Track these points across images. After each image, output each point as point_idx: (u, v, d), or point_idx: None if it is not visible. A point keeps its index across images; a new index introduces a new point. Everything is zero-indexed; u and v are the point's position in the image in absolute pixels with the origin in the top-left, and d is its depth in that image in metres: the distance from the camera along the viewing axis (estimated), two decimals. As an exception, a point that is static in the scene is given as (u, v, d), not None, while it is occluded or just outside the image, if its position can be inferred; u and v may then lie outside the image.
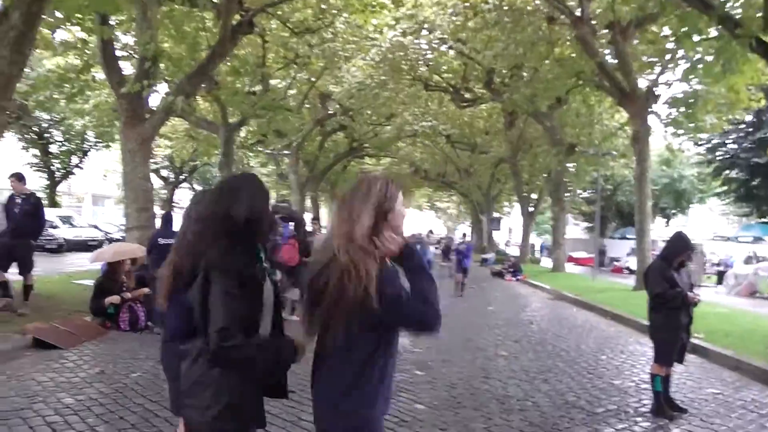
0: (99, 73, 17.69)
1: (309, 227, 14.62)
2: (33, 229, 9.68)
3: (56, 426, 4.98)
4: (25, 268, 9.58)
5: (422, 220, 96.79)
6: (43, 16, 12.62)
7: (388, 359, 2.47)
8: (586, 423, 5.79)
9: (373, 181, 2.60)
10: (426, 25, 22.79)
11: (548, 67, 21.89)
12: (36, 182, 33.61)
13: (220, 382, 2.56)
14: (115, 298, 9.68)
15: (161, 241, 9.63)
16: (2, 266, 9.33)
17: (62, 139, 31.88)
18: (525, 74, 24.14)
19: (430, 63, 26.39)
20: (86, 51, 15.21)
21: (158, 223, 11.88)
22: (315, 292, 2.49)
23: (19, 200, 9.53)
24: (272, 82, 24.42)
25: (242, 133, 31.16)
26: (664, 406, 6.19)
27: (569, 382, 7.47)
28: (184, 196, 53.88)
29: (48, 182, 32.88)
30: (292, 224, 12.31)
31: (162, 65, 16.51)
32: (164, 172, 43.99)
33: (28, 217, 9.48)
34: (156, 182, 46.06)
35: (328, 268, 2.45)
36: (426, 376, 7.40)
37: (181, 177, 43.32)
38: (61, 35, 15.38)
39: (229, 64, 20.70)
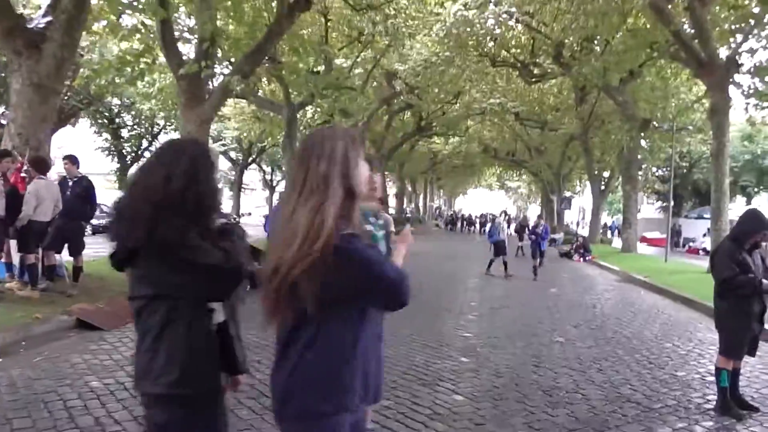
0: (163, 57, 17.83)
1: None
2: (84, 211, 9.71)
3: (74, 411, 4.83)
4: (76, 250, 9.62)
5: (493, 199, 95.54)
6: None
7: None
8: (640, 420, 5.27)
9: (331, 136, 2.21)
10: (490, -1, 22.02)
11: (621, 38, 20.85)
12: (108, 166, 34.58)
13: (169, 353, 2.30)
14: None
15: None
16: (55, 248, 9.40)
17: (132, 123, 32.59)
18: (596, 47, 23.12)
19: (497, 38, 25.57)
20: (150, 34, 15.23)
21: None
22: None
23: (70, 183, 9.58)
24: (337, 61, 24.19)
25: (308, 113, 31.15)
26: (731, 403, 5.58)
27: (627, 372, 6.91)
28: (253, 178, 54.68)
29: (119, 165, 33.75)
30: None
31: (222, 46, 16.50)
32: (233, 154, 44.56)
33: (79, 200, 9.50)
34: (224, 164, 46.95)
35: None
36: (471, 364, 6.99)
37: (249, 159, 43.79)
38: (127, 20, 15.40)
39: (290, 43, 20.52)
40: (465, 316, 10.23)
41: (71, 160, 9.64)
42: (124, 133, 33.09)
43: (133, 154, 33.24)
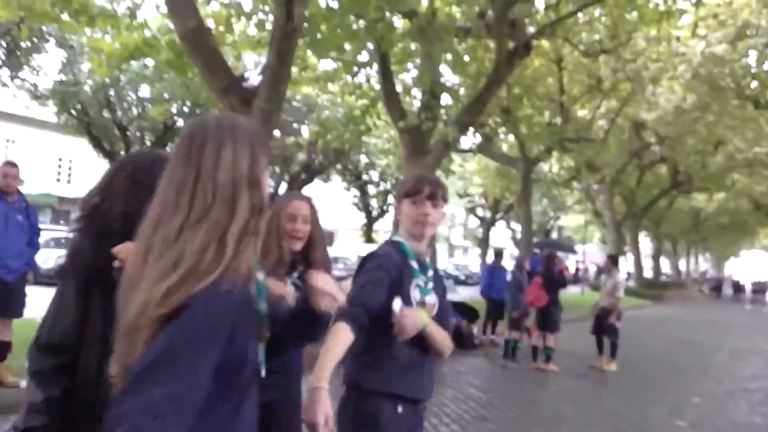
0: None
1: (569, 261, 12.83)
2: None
3: None
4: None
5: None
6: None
7: None
8: None
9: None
10: (748, 31, 19.47)
11: None
12: (357, 220, 36.41)
13: None
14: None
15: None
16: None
17: (378, 180, 34.07)
18: None
19: (760, 75, 22.56)
20: (373, 89, 15.75)
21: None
22: None
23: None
24: (579, 113, 23.10)
25: (553, 168, 30.15)
26: None
27: None
28: (500, 235, 54.16)
29: (366, 221, 35.41)
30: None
31: (444, 98, 16.49)
32: (480, 211, 44.52)
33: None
34: (472, 221, 47.08)
35: None
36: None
37: (497, 215, 43.39)
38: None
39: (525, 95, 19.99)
40: (687, 399, 8.63)
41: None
42: (371, 189, 34.69)
43: (379, 210, 34.67)
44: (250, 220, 1.46)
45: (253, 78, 11.00)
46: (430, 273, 2.65)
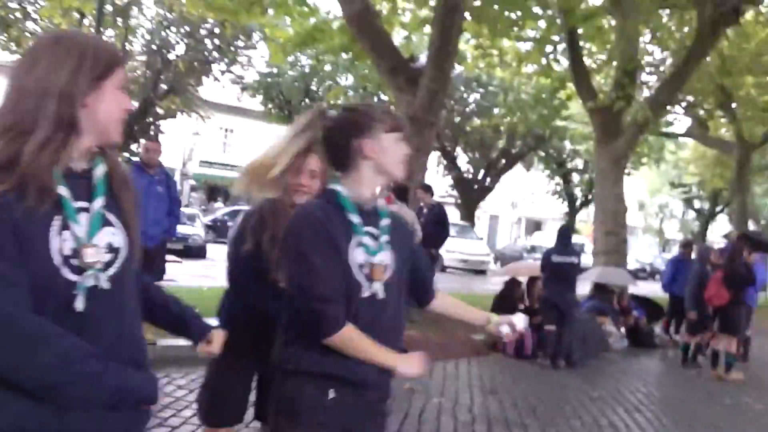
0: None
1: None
2: (436, 238, 9.79)
3: None
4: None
5: None
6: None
7: None
8: None
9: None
10: None
11: None
12: (558, 208, 35.07)
13: None
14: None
15: (555, 258, 8.66)
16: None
17: (582, 168, 32.43)
18: None
19: None
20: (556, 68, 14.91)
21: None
22: None
23: (425, 210, 9.78)
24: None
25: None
26: None
27: None
28: (721, 229, 49.30)
29: (568, 210, 33.85)
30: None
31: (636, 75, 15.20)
32: (697, 203, 40.89)
33: (432, 226, 9.60)
34: (690, 214, 43.36)
35: None
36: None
37: (716, 208, 39.53)
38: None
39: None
40: None
41: (424, 188, 9.87)
42: (575, 177, 33.15)
43: (583, 199, 33.08)
44: (56, 133, 1.42)
45: (424, 58, 10.92)
46: (385, 222, 2.13)
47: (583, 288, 11.00)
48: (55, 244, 1.41)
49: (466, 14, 10.68)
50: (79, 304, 1.43)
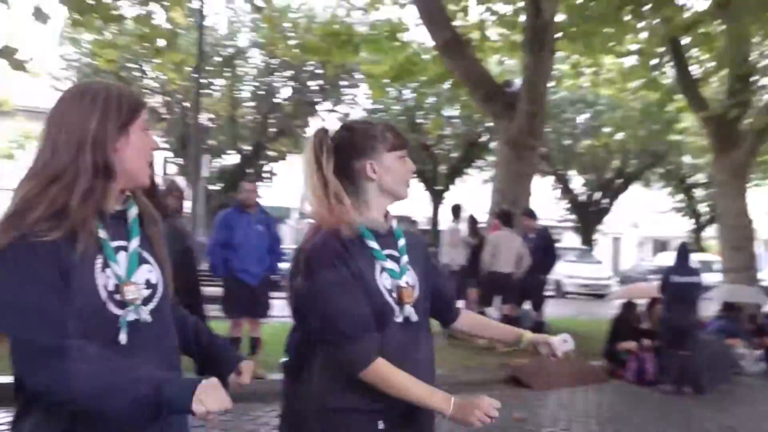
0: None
1: None
2: (544, 265, 9.55)
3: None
4: (537, 304, 9.53)
5: None
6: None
7: None
8: None
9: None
10: None
11: None
12: (683, 226, 33.34)
13: None
14: (630, 344, 8.56)
15: (675, 279, 8.22)
16: (516, 302, 9.42)
17: (704, 181, 30.74)
18: None
19: None
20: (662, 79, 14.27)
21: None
22: None
23: (532, 236, 9.56)
24: None
25: None
26: None
27: None
28: None
29: (695, 226, 32.17)
30: None
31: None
32: None
33: (538, 253, 9.38)
34: None
35: None
36: None
37: None
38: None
39: None
40: None
41: (528, 214, 9.66)
42: (698, 192, 31.48)
43: (709, 215, 31.30)
44: (95, 180, 1.52)
45: (519, 83, 10.79)
46: (402, 242, 2.06)
47: (711, 308, 10.36)
48: (100, 281, 1.52)
49: (560, 34, 10.46)
50: (123, 336, 1.53)
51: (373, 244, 1.96)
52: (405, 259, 2.03)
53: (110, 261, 1.53)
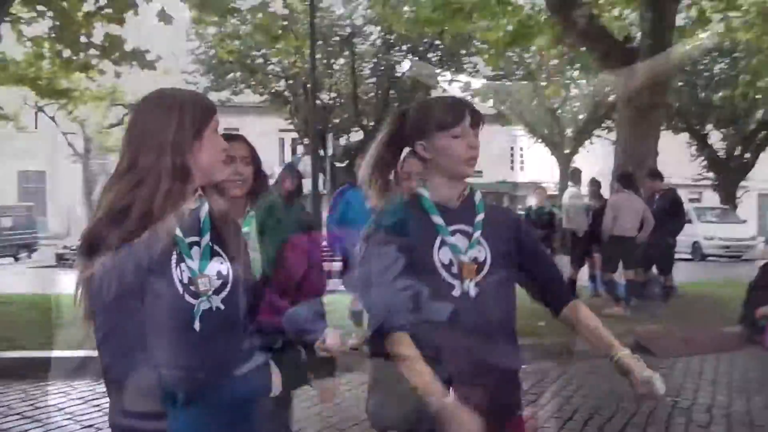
0: None
1: None
2: (670, 226, 9.14)
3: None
4: (663, 269, 9.16)
5: None
6: None
7: None
8: None
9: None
10: None
11: None
12: None
13: None
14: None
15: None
16: (641, 266, 9.11)
17: None
18: None
19: None
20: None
21: None
22: None
23: (657, 198, 9.19)
24: None
25: None
26: None
27: None
28: None
29: None
30: None
31: None
32: None
33: (662, 215, 9.00)
34: None
35: None
36: None
37: None
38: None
39: None
40: None
41: (653, 175, 9.28)
42: None
43: None
44: (175, 183, 1.66)
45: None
46: (480, 217, 2.03)
47: None
48: (177, 273, 1.70)
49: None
50: (197, 324, 1.71)
51: (437, 219, 1.99)
52: (477, 234, 2.02)
53: (185, 256, 1.71)
